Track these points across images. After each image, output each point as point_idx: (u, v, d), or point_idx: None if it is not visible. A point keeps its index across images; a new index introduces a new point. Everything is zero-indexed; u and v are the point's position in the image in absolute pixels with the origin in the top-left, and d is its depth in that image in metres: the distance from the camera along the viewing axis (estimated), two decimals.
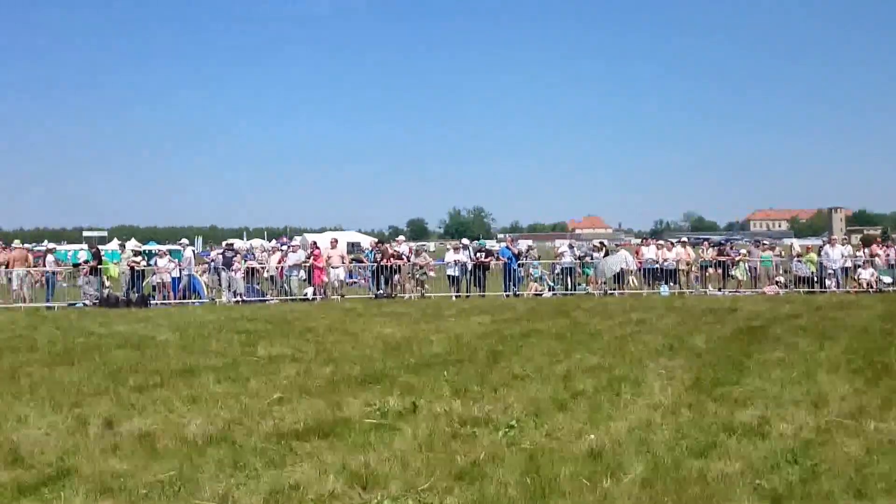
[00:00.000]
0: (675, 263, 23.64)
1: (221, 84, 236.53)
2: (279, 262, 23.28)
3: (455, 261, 23.11)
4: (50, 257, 23.59)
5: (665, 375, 9.02)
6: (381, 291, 22.53)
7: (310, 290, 22.46)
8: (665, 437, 6.36)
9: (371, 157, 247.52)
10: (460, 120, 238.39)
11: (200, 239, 72.18)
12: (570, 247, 25.77)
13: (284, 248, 25.15)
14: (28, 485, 5.33)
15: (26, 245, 33.75)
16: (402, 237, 29.33)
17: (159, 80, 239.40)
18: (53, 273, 22.70)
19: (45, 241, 43.22)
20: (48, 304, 20.98)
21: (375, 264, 23.38)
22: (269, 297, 22.50)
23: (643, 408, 7.42)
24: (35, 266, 23.75)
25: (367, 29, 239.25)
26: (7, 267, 22.29)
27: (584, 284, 24.01)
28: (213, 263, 23.87)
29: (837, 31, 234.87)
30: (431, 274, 24.22)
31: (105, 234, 74.68)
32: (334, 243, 24.93)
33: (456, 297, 22.17)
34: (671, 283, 23.22)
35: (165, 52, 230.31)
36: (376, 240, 32.30)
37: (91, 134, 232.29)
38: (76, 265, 24.35)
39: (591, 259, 24.35)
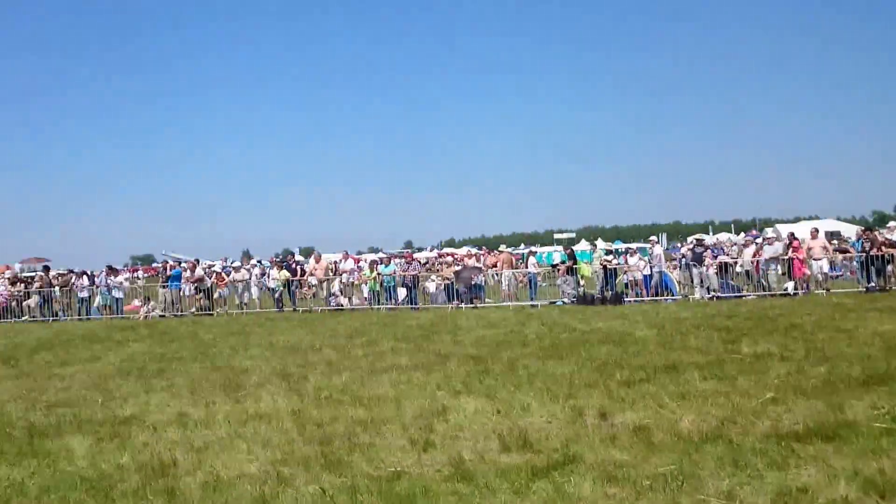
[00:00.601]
0: None
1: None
2: (754, 256, 22.31)
3: None
4: (532, 259, 25.55)
5: None
6: (873, 284, 20.31)
7: (790, 285, 21.12)
8: None
9: (839, 137, 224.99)
10: None
11: (665, 235, 72.65)
12: None
13: (759, 240, 24.02)
14: (539, 468, 5.71)
15: (508, 249, 37.03)
16: (893, 223, 26.27)
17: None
18: (535, 274, 24.54)
19: (522, 245, 47.18)
20: (532, 303, 22.71)
21: (863, 255, 21.15)
22: (744, 292, 21.68)
23: None
24: (517, 268, 25.97)
25: None
26: (495, 268, 24.75)
27: None
28: (683, 259, 23.75)
29: None
30: None
31: (573, 235, 78.86)
32: (814, 234, 23.18)
33: None
34: None
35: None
36: (862, 227, 29.34)
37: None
38: (553, 266, 25.98)
39: None
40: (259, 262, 32.56)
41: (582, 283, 24.05)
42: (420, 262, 28.87)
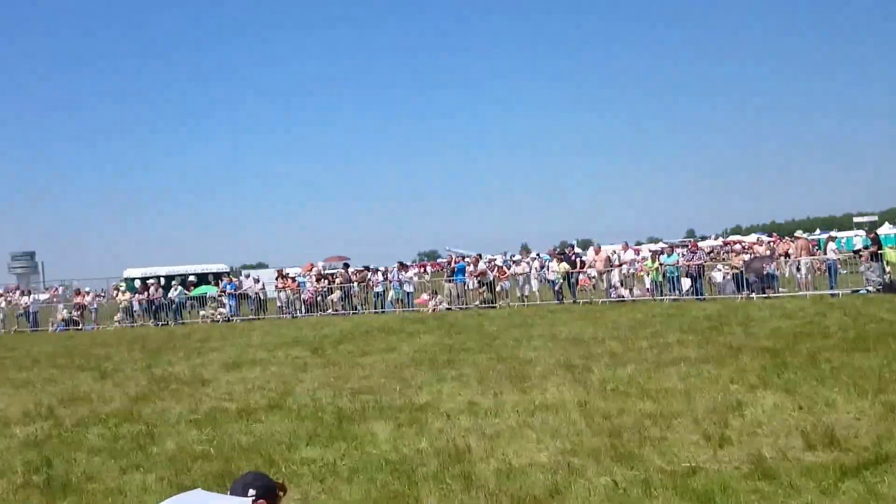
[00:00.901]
0: None
1: None
2: None
3: None
4: (831, 245, 23.66)
5: None
6: None
7: None
8: None
9: None
10: None
11: None
12: None
13: None
14: (849, 467, 5.33)
15: (804, 234, 34.56)
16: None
17: None
18: (835, 261, 22.69)
19: (817, 230, 43.63)
20: (832, 292, 21.00)
21: None
22: None
23: None
24: (814, 255, 24.16)
25: None
26: (788, 256, 23.22)
27: None
28: None
29: None
30: None
31: (875, 218, 71.65)
32: None
33: None
34: None
35: None
36: None
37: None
38: (855, 252, 23.90)
39: None
40: (538, 255, 32.99)
41: (888, 269, 21.85)
42: (705, 251, 27.74)
